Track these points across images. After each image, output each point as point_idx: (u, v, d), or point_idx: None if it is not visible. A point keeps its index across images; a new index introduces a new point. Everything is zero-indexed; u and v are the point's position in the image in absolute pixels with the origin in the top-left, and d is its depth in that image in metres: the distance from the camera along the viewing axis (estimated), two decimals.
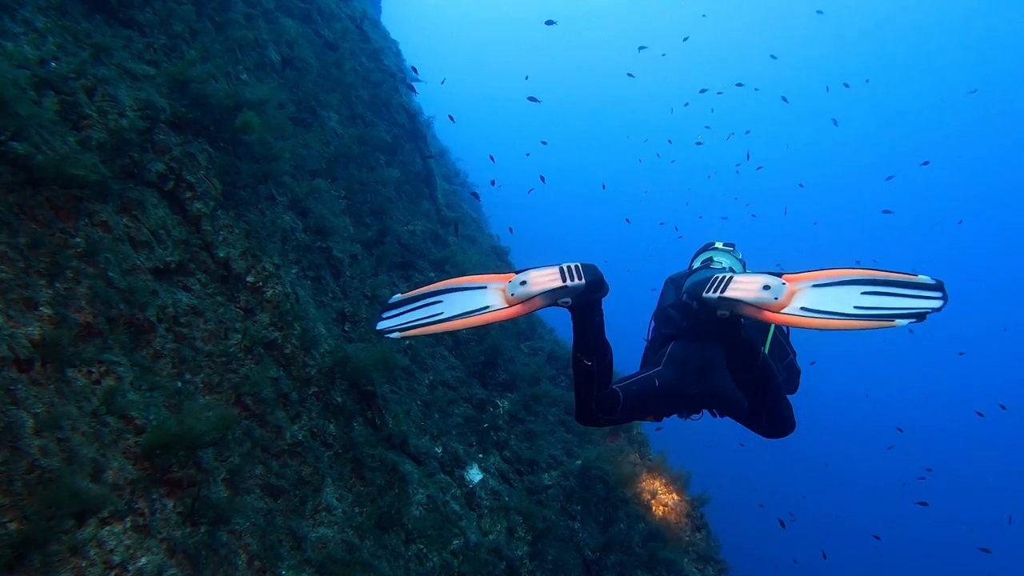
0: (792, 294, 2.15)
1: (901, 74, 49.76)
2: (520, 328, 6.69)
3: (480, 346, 5.68)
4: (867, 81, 43.47)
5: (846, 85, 35.52)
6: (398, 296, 2.48)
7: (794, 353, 3.34)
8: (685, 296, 3.12)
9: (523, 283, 2.28)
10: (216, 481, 3.30)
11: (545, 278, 2.27)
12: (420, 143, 7.15)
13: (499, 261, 7.59)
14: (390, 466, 4.12)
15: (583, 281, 2.26)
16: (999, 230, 47.34)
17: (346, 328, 4.70)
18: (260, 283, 4.01)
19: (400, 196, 6.58)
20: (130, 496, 2.60)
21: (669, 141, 34.31)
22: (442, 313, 2.37)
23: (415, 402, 4.82)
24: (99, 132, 3.36)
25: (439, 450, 4.69)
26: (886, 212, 20.86)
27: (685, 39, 29.01)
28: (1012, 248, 46.68)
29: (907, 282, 2.00)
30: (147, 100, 3.87)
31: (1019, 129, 45.46)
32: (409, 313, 2.41)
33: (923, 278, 1.99)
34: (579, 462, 5.13)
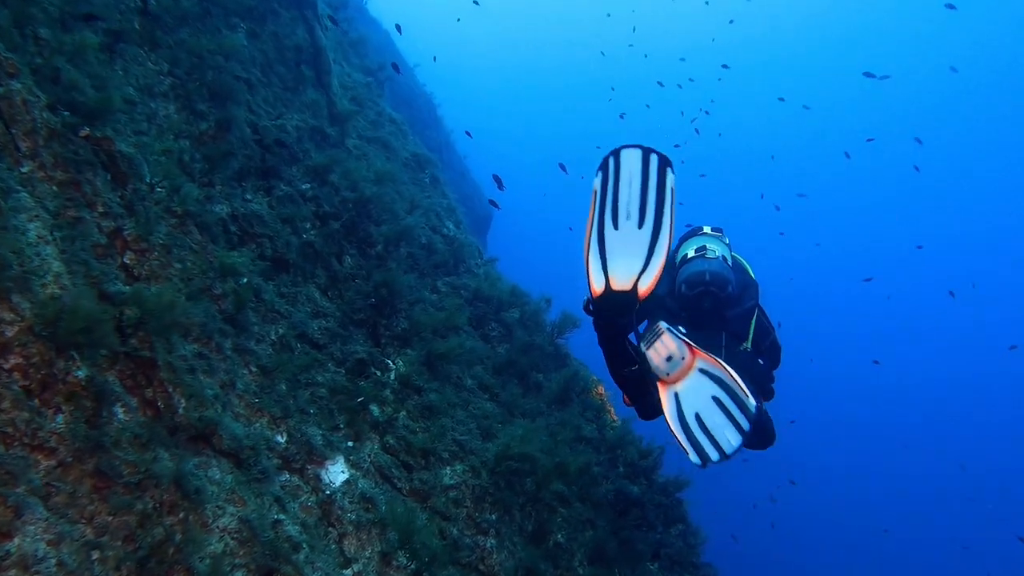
0: (686, 370, 2.48)
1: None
2: (441, 258, 5.03)
3: (368, 283, 4.04)
4: None
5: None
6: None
7: (774, 328, 3.54)
8: (684, 287, 3.37)
9: None
10: None
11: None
12: (306, 11, 5.25)
13: (419, 171, 5.80)
14: (169, 477, 2.57)
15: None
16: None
17: (126, 260, 3.05)
18: None
19: (269, 79, 4.75)
20: None
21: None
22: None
23: (246, 369, 3.24)
24: None
25: (281, 439, 3.15)
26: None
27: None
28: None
29: (739, 399, 2.34)
30: None
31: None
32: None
33: (750, 401, 2.33)
34: (495, 449, 3.59)
